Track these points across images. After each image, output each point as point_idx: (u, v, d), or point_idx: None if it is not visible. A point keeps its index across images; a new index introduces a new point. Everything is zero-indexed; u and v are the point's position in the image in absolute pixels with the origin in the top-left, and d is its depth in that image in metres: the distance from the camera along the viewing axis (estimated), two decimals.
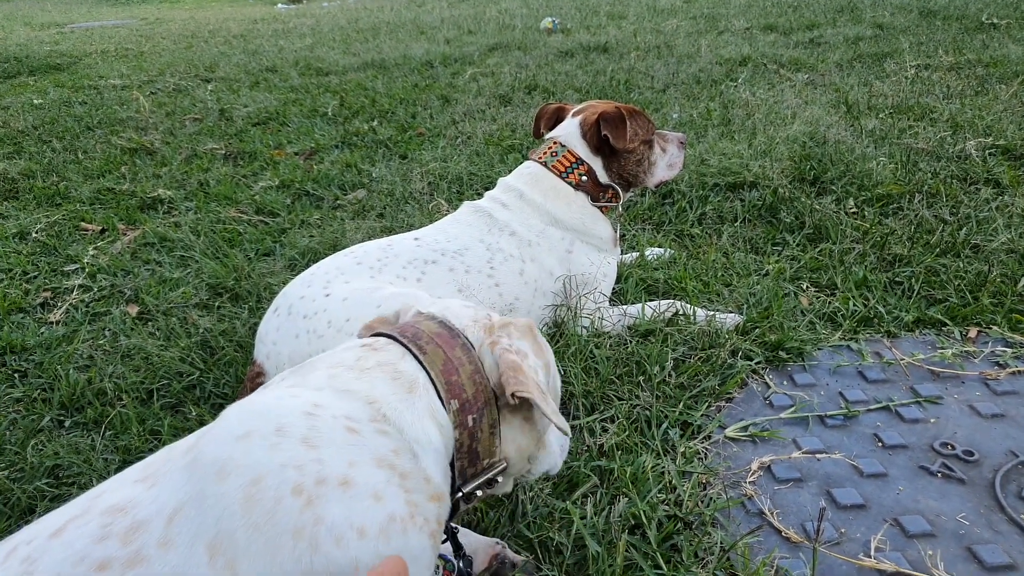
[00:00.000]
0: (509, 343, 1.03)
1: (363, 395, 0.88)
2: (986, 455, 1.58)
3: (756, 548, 1.40)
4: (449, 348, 0.99)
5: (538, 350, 1.07)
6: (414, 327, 1.02)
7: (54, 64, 7.77)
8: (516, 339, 1.05)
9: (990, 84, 4.26)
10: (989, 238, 2.42)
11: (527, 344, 1.06)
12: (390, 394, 0.90)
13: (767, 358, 1.96)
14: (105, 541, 0.72)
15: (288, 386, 0.91)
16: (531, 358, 1.04)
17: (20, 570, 0.72)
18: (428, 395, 0.93)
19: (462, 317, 1.07)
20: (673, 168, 2.32)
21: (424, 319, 1.06)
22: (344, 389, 0.89)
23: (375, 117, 4.83)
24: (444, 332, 1.02)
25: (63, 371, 2.07)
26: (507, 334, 1.04)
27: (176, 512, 0.74)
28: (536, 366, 1.04)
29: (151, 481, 0.78)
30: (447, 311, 1.08)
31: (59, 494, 1.60)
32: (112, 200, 3.54)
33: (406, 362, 0.96)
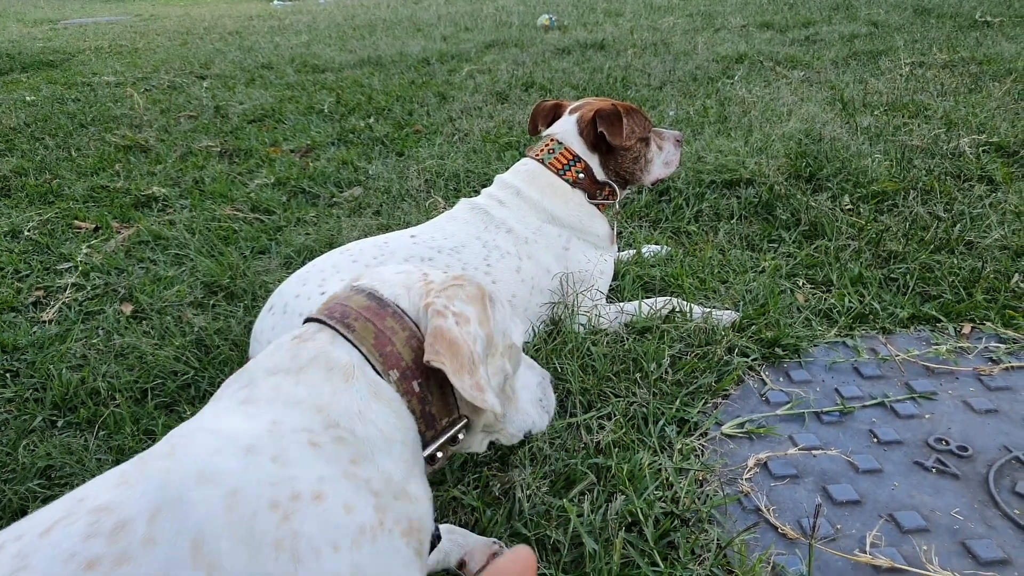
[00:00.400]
0: (445, 305, 0.99)
1: (310, 403, 0.89)
2: (980, 450, 1.59)
3: (752, 545, 1.40)
4: (379, 319, 0.99)
5: (483, 318, 1.02)
6: (342, 305, 1.02)
7: (47, 61, 7.73)
8: (459, 302, 1.01)
9: (983, 82, 4.27)
10: (983, 235, 2.42)
11: (472, 309, 1.02)
12: (331, 393, 0.91)
13: (763, 355, 1.96)
14: (92, 539, 0.74)
15: (240, 402, 0.91)
16: (472, 325, 0.99)
17: (13, 565, 0.74)
18: (365, 376, 0.94)
19: (393, 285, 1.05)
20: (670, 166, 2.32)
21: (353, 293, 1.04)
22: (292, 400, 0.90)
23: (371, 114, 4.82)
24: (372, 304, 1.01)
25: (56, 371, 2.06)
26: (447, 296, 1.01)
27: (157, 512, 0.76)
28: (476, 333, 0.99)
29: (131, 483, 0.80)
30: (377, 281, 1.06)
31: (51, 495, 1.60)
32: (106, 198, 3.52)
33: (337, 346, 0.96)
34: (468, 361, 0.95)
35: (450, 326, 0.96)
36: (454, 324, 0.97)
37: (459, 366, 0.94)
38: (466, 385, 0.94)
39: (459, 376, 0.93)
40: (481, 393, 0.95)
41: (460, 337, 0.96)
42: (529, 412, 1.20)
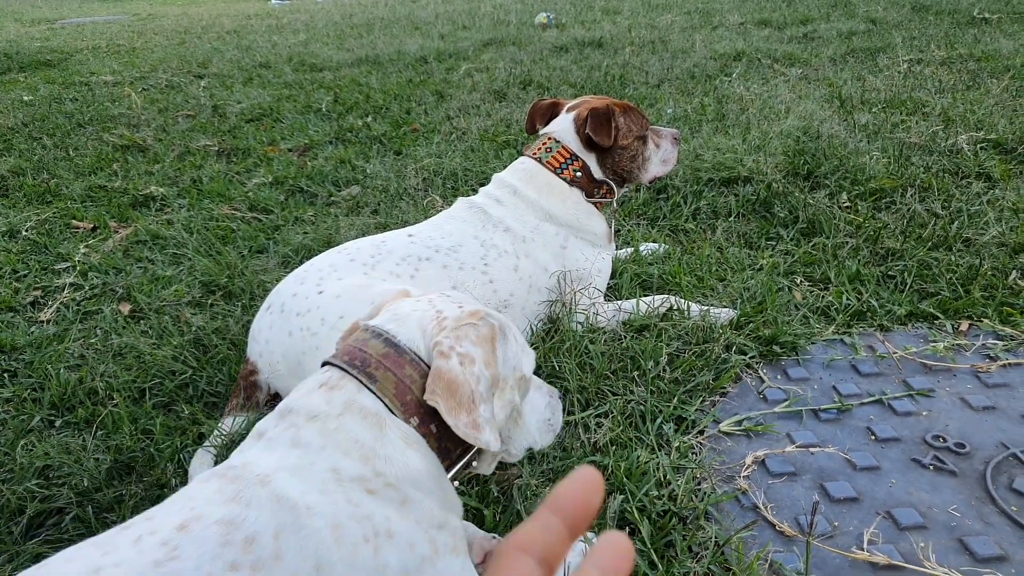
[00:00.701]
0: (451, 346, 1.05)
1: (357, 454, 0.99)
2: (977, 447, 1.59)
3: (750, 542, 1.40)
4: (398, 368, 1.06)
5: (490, 359, 1.08)
6: (362, 352, 1.08)
7: (44, 60, 7.72)
8: (467, 343, 1.06)
9: (982, 78, 4.27)
10: (980, 232, 2.42)
11: (479, 350, 1.07)
12: (372, 441, 1.01)
13: (761, 352, 1.96)
14: (228, 547, 0.86)
15: (290, 444, 1.00)
16: (477, 365, 1.05)
17: (165, 552, 0.85)
18: (395, 424, 1.04)
19: (410, 328, 1.10)
20: (667, 164, 2.32)
21: (371, 337, 1.10)
22: (340, 448, 0.99)
23: (369, 113, 4.81)
24: (391, 352, 1.07)
25: (54, 370, 2.06)
26: (456, 336, 1.06)
27: (279, 533, 0.89)
28: (480, 374, 1.05)
29: (244, 503, 0.91)
30: (393, 323, 1.12)
31: (49, 495, 1.60)
32: (104, 197, 3.52)
33: (364, 395, 1.04)
34: (467, 400, 1.02)
35: (450, 366, 1.03)
36: (456, 364, 1.04)
37: (456, 404, 1.02)
38: (461, 423, 1.01)
39: (454, 415, 1.01)
40: (477, 431, 1.02)
41: (460, 377, 1.03)
42: (532, 433, 1.27)
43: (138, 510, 1.53)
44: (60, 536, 1.52)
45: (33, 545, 1.50)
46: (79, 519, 1.55)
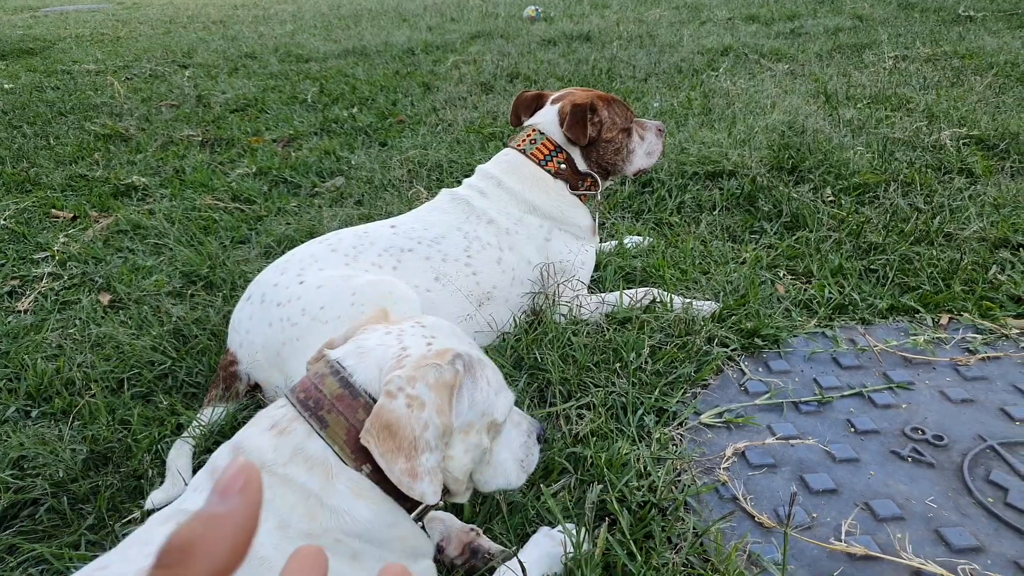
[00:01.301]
0: (400, 386, 0.97)
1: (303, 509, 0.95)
2: (955, 440, 1.60)
3: (729, 533, 1.40)
4: (351, 412, 0.99)
5: (443, 407, 1.00)
6: (317, 392, 1.02)
7: (27, 48, 7.62)
8: (422, 385, 0.99)
9: (965, 75, 4.29)
10: (962, 226, 2.44)
11: (433, 396, 0.99)
12: (318, 493, 0.96)
13: (743, 345, 1.96)
14: None
15: None
16: (426, 411, 0.98)
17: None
18: (344, 473, 0.98)
19: (368, 366, 1.03)
20: (652, 156, 2.32)
21: (328, 373, 1.04)
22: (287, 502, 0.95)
23: (355, 104, 4.78)
24: (345, 393, 1.01)
25: (30, 360, 2.03)
26: (410, 378, 0.99)
27: None
28: (428, 420, 0.98)
29: None
30: (353, 358, 1.05)
31: (24, 485, 1.57)
32: (84, 187, 3.48)
33: (312, 441, 0.99)
34: (408, 445, 0.96)
35: (393, 407, 0.96)
36: (402, 406, 0.96)
37: (395, 448, 0.95)
38: (396, 469, 0.95)
39: (390, 459, 0.95)
40: (412, 480, 0.95)
41: (404, 419, 0.96)
42: (507, 472, 1.20)
43: (114, 501, 1.52)
44: (35, 527, 1.50)
45: (7, 536, 1.48)
46: (54, 510, 1.53)
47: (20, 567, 1.41)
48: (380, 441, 0.95)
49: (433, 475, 0.98)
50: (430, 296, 1.86)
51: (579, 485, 1.51)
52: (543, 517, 1.45)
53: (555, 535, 1.36)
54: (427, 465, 0.97)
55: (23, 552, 1.43)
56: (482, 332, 1.97)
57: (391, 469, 0.94)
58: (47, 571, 1.40)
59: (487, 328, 1.98)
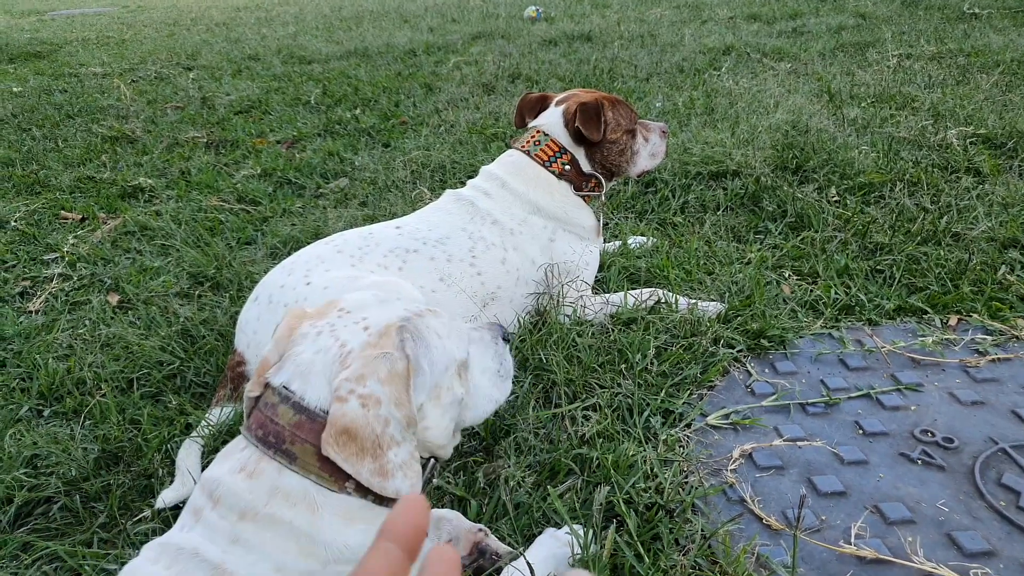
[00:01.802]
0: (351, 389, 0.95)
1: (295, 548, 0.93)
2: (966, 442, 1.60)
3: (737, 535, 1.40)
4: (314, 436, 0.96)
5: (401, 398, 0.97)
6: (274, 425, 0.98)
7: (34, 52, 7.64)
8: (372, 382, 0.96)
9: (971, 74, 4.28)
10: (969, 226, 2.43)
11: (387, 390, 0.96)
12: (307, 529, 0.93)
13: (749, 346, 1.96)
14: None
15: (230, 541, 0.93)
16: (383, 406, 0.95)
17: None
18: (328, 501, 0.95)
19: (316, 383, 0.99)
20: (655, 157, 2.32)
21: (279, 401, 0.99)
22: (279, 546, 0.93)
23: (358, 105, 4.79)
24: (302, 419, 0.97)
25: (42, 360, 2.04)
26: (358, 377, 0.96)
27: None
28: (388, 415, 0.95)
29: None
30: (299, 378, 1.00)
31: (37, 484, 1.58)
32: (92, 189, 3.49)
33: (286, 478, 0.95)
34: (371, 446, 0.93)
35: (346, 411, 0.93)
36: (355, 407, 0.94)
37: (358, 451, 0.93)
38: (364, 471, 0.93)
39: (355, 463, 0.92)
40: (383, 479, 0.93)
41: (360, 420, 0.93)
42: (490, 393, 1.19)
43: (125, 500, 1.53)
44: (48, 525, 1.51)
45: (21, 534, 1.49)
46: (67, 508, 1.54)
47: (35, 564, 1.42)
48: (340, 447, 0.92)
49: (407, 468, 0.96)
50: (435, 296, 1.86)
51: (585, 486, 1.51)
52: (549, 518, 1.45)
53: (560, 536, 1.36)
54: (397, 460, 0.95)
55: (37, 550, 1.44)
56: None
57: (359, 472, 0.92)
58: (61, 568, 1.41)
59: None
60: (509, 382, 1.23)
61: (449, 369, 1.08)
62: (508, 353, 1.25)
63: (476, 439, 1.66)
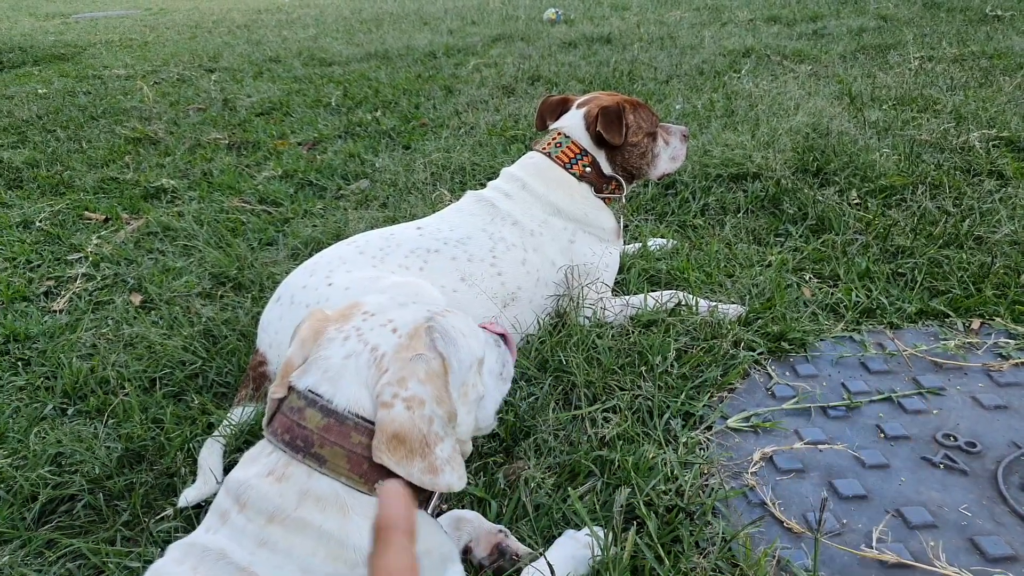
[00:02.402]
0: (394, 393, 0.96)
1: (324, 552, 0.93)
2: (989, 447, 1.58)
3: (757, 539, 1.40)
4: (344, 439, 0.97)
5: (442, 395, 0.99)
6: (301, 429, 0.98)
7: (58, 54, 7.76)
8: (414, 383, 0.97)
9: (994, 76, 4.23)
10: (992, 230, 2.41)
11: (428, 389, 0.98)
12: (337, 533, 0.94)
13: (769, 349, 1.95)
14: None
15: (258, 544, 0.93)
16: (427, 406, 0.97)
17: None
18: (358, 503, 0.96)
19: (347, 387, 1.00)
20: (676, 161, 2.32)
21: (305, 405, 1.00)
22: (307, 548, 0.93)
23: (378, 107, 4.82)
24: (331, 423, 0.98)
25: (66, 359, 2.07)
26: (399, 380, 0.97)
27: None
28: (432, 414, 0.97)
29: None
30: (328, 382, 1.01)
31: (62, 481, 1.61)
32: (116, 189, 3.54)
33: (316, 481, 0.96)
34: (420, 445, 0.95)
35: (394, 416, 0.95)
36: (401, 411, 0.95)
37: (407, 453, 0.94)
38: (415, 471, 0.94)
39: (406, 464, 0.94)
40: (435, 475, 0.95)
41: (408, 424, 0.95)
42: (494, 394, 1.21)
43: (148, 498, 1.55)
44: (72, 523, 1.53)
45: (46, 531, 1.51)
46: (90, 506, 1.56)
47: (59, 561, 1.44)
48: (392, 452, 0.94)
49: (452, 462, 0.97)
50: (456, 297, 1.87)
51: (605, 488, 1.51)
52: (569, 520, 1.46)
53: (580, 537, 1.36)
54: (444, 456, 0.96)
55: (61, 547, 1.46)
56: None
57: (411, 473, 0.94)
58: (84, 566, 1.43)
59: (511, 330, 1.99)
60: (507, 386, 1.25)
61: (473, 367, 1.10)
62: (509, 357, 1.28)
63: (496, 440, 1.67)
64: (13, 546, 1.48)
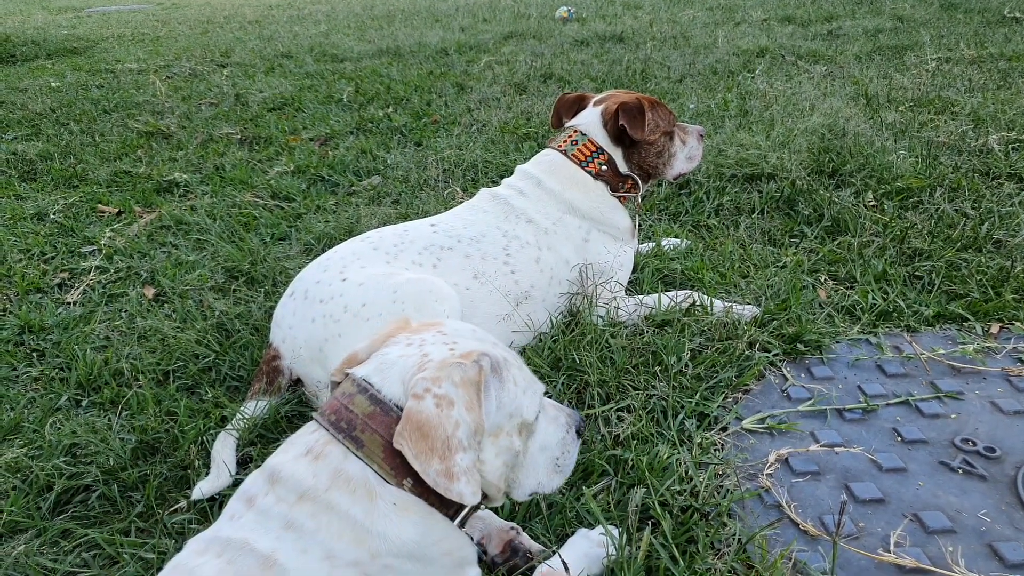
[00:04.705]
0: (427, 387, 0.97)
1: (349, 535, 0.95)
2: (1008, 452, 1.56)
3: (773, 541, 1.39)
4: (385, 429, 0.99)
5: (472, 403, 0.99)
6: (348, 412, 1.01)
7: (71, 48, 7.80)
8: (448, 384, 0.98)
9: (1013, 78, 4.20)
10: (1012, 233, 2.39)
11: (461, 393, 0.98)
12: (363, 518, 0.96)
13: (785, 350, 1.94)
14: None
15: (284, 526, 0.95)
16: (455, 409, 0.97)
17: None
18: (386, 492, 0.98)
19: (393, 379, 1.03)
20: (692, 161, 2.30)
21: (356, 392, 1.03)
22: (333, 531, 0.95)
23: (390, 104, 4.82)
24: (376, 410, 1.00)
25: (80, 351, 2.08)
26: (435, 378, 0.98)
27: None
28: (459, 419, 0.97)
29: None
30: (378, 374, 1.04)
31: (76, 472, 1.61)
32: (129, 183, 3.55)
33: (350, 462, 0.98)
34: (441, 445, 0.95)
35: (421, 408, 0.96)
36: (430, 405, 0.96)
37: (427, 449, 0.95)
38: (431, 471, 0.94)
39: (424, 460, 0.94)
40: (449, 481, 0.95)
41: (434, 419, 0.95)
42: (539, 474, 1.18)
43: (162, 490, 1.55)
44: (87, 513, 1.53)
45: (62, 521, 1.52)
46: (105, 497, 1.56)
47: (74, 551, 1.44)
48: (412, 443, 0.94)
49: (469, 475, 0.97)
50: (469, 294, 1.86)
51: (619, 487, 1.50)
52: (583, 518, 1.45)
53: (593, 536, 1.35)
54: (462, 465, 0.96)
55: (76, 537, 1.46)
56: (519, 332, 1.97)
57: (426, 471, 0.94)
58: (99, 556, 1.43)
59: (524, 328, 1.98)
60: (561, 477, 1.22)
61: (514, 417, 1.09)
62: (575, 448, 1.24)
63: None
64: (29, 535, 1.49)
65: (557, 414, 1.22)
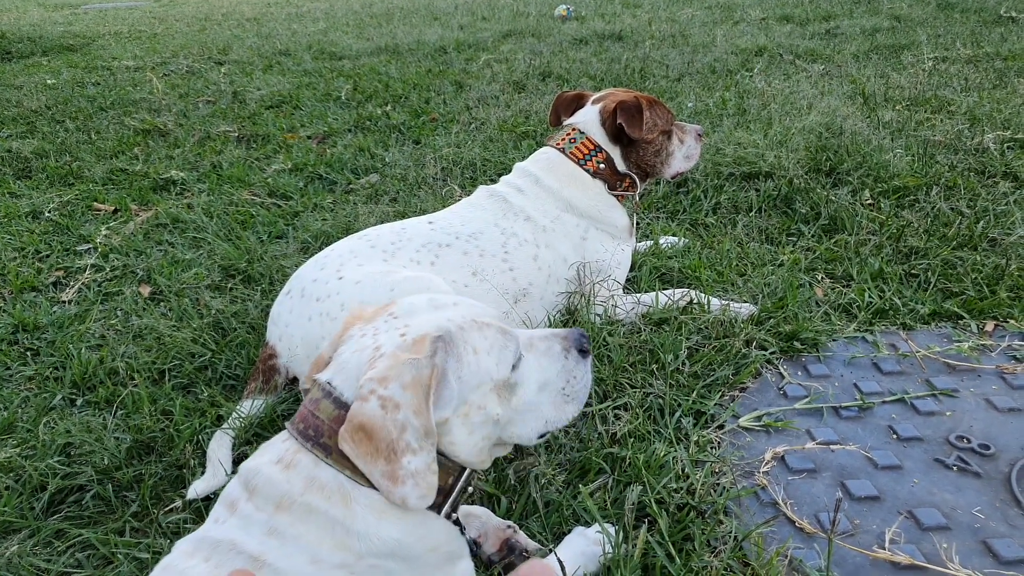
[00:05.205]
0: (372, 389, 0.94)
1: (330, 540, 0.94)
2: (1002, 449, 1.57)
3: (769, 538, 1.39)
4: None
5: (420, 407, 0.95)
6: (315, 419, 0.99)
7: (67, 45, 7.77)
8: (395, 385, 0.94)
9: (1008, 78, 4.20)
10: (1007, 232, 2.39)
11: (409, 396, 0.94)
12: (342, 520, 0.95)
13: (781, 348, 1.94)
14: None
15: (267, 532, 0.95)
16: (401, 412, 0.93)
17: None
18: (362, 494, 0.96)
19: (350, 379, 1.00)
20: (690, 160, 2.31)
21: (322, 396, 1.01)
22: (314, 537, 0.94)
23: (388, 102, 4.81)
24: (341, 414, 0.97)
25: (75, 350, 2.07)
26: (382, 379, 0.95)
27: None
28: (405, 422, 0.93)
29: None
30: (340, 374, 1.02)
31: (71, 471, 1.61)
32: (125, 181, 3.54)
33: (321, 470, 0.97)
34: (386, 448, 0.92)
35: (364, 410, 0.93)
36: (375, 408, 0.93)
37: (372, 451, 0.92)
38: (375, 472, 0.92)
39: (369, 462, 0.92)
40: (393, 484, 0.92)
41: (378, 421, 0.92)
42: (546, 412, 1.16)
43: (157, 490, 1.55)
44: (81, 513, 1.53)
45: (55, 520, 1.51)
46: (99, 497, 1.56)
47: (67, 551, 1.44)
48: (356, 444, 0.92)
49: (419, 477, 0.94)
50: (467, 292, 1.86)
51: (616, 485, 1.51)
52: (579, 516, 1.45)
53: (589, 534, 1.35)
54: (410, 468, 0.93)
55: (70, 537, 1.46)
56: None
57: (371, 472, 0.92)
58: (93, 556, 1.43)
59: (522, 326, 1.98)
60: (575, 405, 1.18)
61: (482, 387, 1.06)
62: (583, 370, 1.19)
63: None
64: (22, 535, 1.48)
65: (550, 344, 1.18)
